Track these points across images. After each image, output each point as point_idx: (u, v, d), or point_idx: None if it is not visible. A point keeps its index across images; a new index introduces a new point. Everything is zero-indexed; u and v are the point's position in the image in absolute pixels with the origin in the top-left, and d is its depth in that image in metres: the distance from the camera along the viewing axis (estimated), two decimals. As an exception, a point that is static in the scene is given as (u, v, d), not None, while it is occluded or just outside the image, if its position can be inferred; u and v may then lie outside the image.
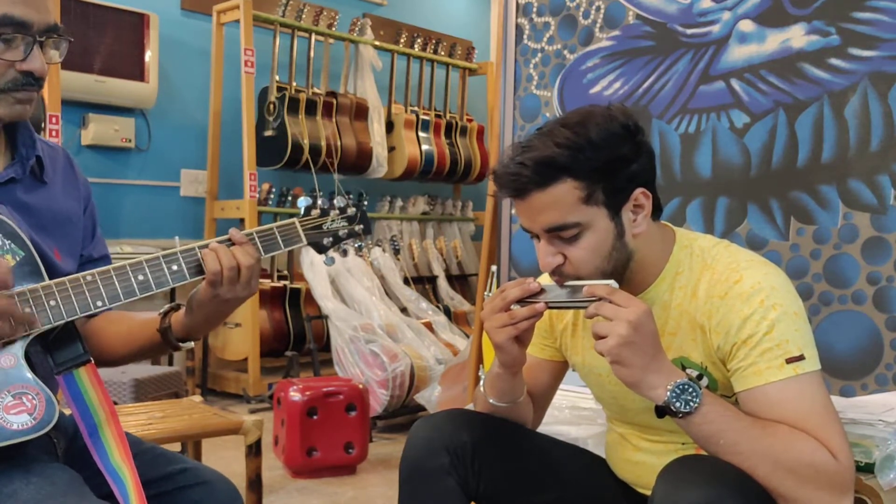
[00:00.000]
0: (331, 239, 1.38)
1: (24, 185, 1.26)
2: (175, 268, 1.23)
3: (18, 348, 1.13)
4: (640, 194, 1.26)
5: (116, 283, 1.20)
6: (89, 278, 1.19)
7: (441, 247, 5.74)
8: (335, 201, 1.39)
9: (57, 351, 1.20)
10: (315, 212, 1.37)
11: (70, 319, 1.18)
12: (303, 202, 1.38)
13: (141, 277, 1.21)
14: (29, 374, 1.13)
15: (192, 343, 1.34)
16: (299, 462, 3.13)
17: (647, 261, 1.30)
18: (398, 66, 5.57)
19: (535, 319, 1.28)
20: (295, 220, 1.34)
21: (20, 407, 1.11)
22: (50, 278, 1.18)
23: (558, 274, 1.26)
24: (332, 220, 1.38)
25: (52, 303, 1.16)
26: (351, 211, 1.40)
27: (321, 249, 1.38)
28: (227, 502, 1.31)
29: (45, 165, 1.29)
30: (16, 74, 1.18)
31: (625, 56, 2.37)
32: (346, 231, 1.39)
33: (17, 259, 1.16)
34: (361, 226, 1.41)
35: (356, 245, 1.42)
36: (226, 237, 1.28)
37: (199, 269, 1.25)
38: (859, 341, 1.90)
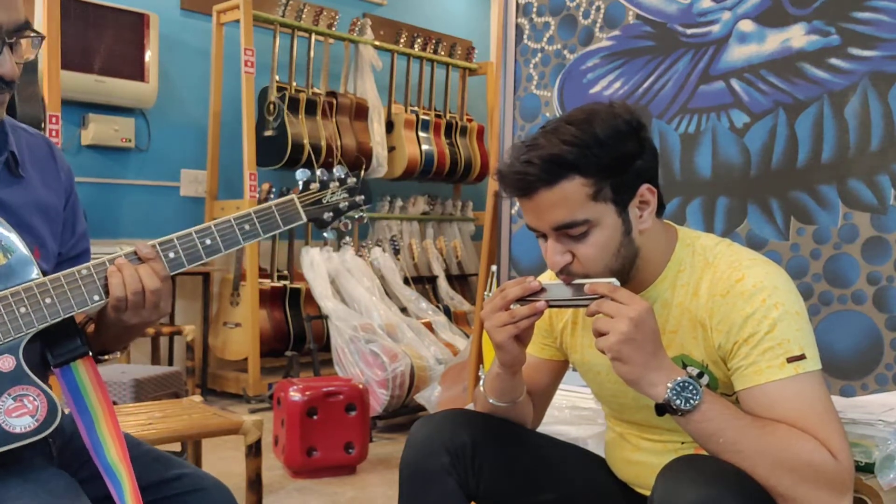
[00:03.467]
0: (331, 213, 1.33)
1: None
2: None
3: (16, 349, 1.11)
4: (645, 190, 1.26)
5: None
6: (84, 272, 1.16)
7: (441, 247, 5.73)
8: (334, 171, 1.34)
9: (56, 345, 1.17)
10: (314, 185, 1.32)
11: (66, 316, 1.15)
12: (301, 175, 1.32)
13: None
14: (29, 376, 1.11)
15: (118, 354, 1.29)
16: (299, 462, 3.13)
17: (650, 259, 1.30)
18: (398, 66, 5.57)
19: (536, 318, 1.27)
20: (293, 196, 1.29)
21: (21, 409, 1.09)
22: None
23: (567, 273, 1.25)
24: (333, 193, 1.32)
25: (48, 300, 1.13)
26: (351, 181, 1.35)
27: (322, 225, 1.33)
28: None
29: (21, 159, 1.24)
30: None
31: (625, 56, 2.37)
32: (347, 203, 1.34)
33: (9, 258, 1.14)
34: (363, 196, 1.35)
35: (358, 216, 1.36)
36: (131, 250, 1.18)
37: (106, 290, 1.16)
38: (859, 341, 1.90)
